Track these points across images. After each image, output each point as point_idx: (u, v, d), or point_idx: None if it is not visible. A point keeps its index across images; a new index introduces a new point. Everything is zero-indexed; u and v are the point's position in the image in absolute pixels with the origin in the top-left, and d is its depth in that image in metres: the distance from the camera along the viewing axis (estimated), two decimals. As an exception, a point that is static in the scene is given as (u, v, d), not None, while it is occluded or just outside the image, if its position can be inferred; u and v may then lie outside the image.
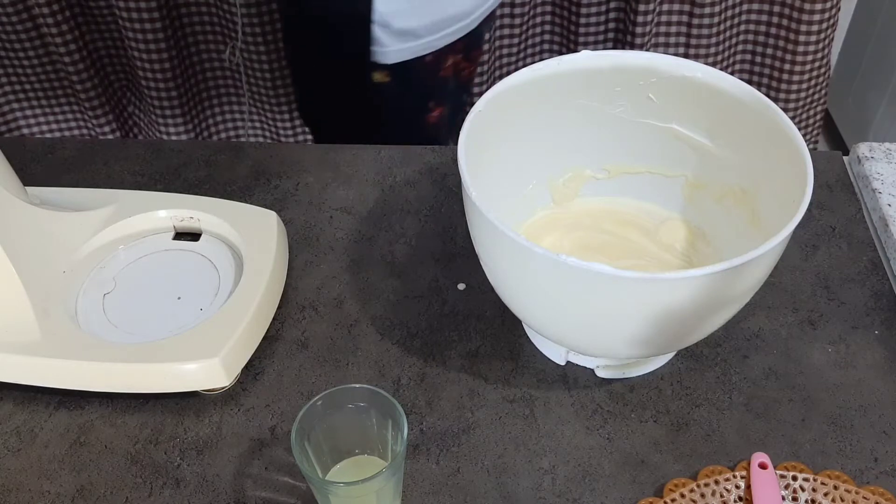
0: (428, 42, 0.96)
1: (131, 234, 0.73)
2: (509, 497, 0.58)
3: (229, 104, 1.58)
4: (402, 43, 0.95)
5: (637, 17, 1.37)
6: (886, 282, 0.72)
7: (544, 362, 0.66)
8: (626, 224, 0.72)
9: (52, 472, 0.60)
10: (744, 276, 0.53)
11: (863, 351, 0.67)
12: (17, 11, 1.40)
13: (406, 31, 0.94)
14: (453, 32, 0.97)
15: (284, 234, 0.74)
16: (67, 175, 0.84)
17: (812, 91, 1.46)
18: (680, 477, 0.59)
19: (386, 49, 0.95)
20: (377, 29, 0.93)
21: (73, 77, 1.48)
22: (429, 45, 0.96)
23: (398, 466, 0.52)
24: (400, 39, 0.94)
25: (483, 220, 0.55)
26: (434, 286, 0.72)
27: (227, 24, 1.42)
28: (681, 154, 0.69)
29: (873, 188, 0.77)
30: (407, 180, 0.83)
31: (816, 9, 1.34)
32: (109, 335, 0.65)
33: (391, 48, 0.95)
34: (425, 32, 0.95)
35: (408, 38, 0.95)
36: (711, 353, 0.67)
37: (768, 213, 0.63)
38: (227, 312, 0.65)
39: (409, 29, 0.94)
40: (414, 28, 0.94)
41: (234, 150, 0.86)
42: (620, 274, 0.50)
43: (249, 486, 0.59)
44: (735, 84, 0.63)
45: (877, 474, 0.59)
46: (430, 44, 0.96)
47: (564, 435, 0.62)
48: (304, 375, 0.66)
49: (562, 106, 0.68)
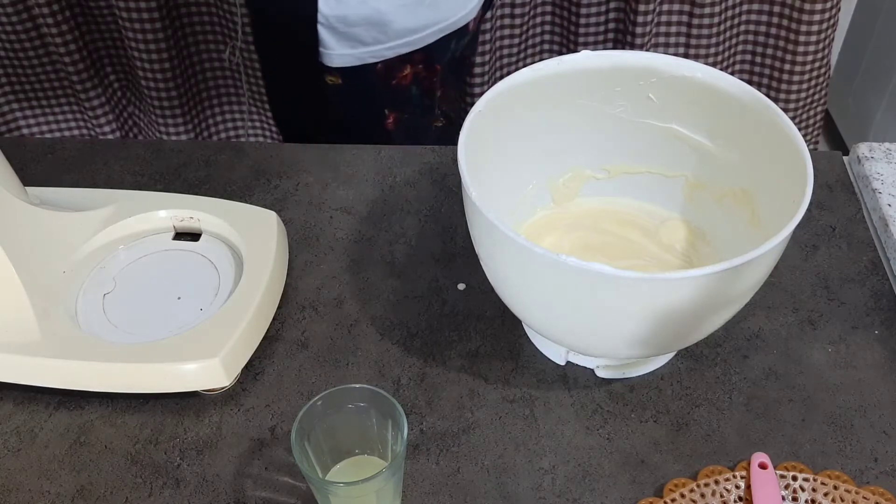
0: (374, 50, 0.95)
1: (131, 234, 0.73)
2: (509, 497, 0.58)
3: (229, 104, 1.58)
4: (348, 48, 0.94)
5: (637, 17, 1.37)
6: (886, 282, 0.72)
7: (544, 362, 0.66)
8: (626, 224, 0.72)
9: (52, 472, 0.60)
10: (744, 276, 0.53)
11: (863, 351, 0.67)
12: (17, 11, 1.40)
13: (350, 37, 0.93)
14: (401, 45, 0.95)
15: (284, 234, 0.74)
16: (67, 175, 0.84)
17: (812, 91, 1.46)
18: (680, 477, 0.59)
19: (331, 52, 0.94)
20: (323, 30, 0.92)
21: (73, 77, 1.48)
22: (376, 54, 0.95)
23: (398, 466, 0.52)
24: (345, 44, 0.94)
25: (483, 220, 0.55)
26: (434, 286, 0.72)
27: (227, 24, 1.42)
28: (681, 154, 0.69)
29: (873, 188, 0.77)
30: (407, 180, 0.83)
31: (816, 9, 1.34)
32: (109, 335, 0.65)
33: (336, 51, 0.94)
34: (371, 41, 0.94)
35: (354, 43, 0.94)
36: (711, 353, 0.67)
37: (768, 213, 0.63)
38: (227, 312, 0.65)
39: (353, 34, 0.93)
40: (358, 34, 0.93)
41: (234, 150, 0.86)
42: (620, 274, 0.50)
43: (249, 486, 0.59)
44: (735, 84, 0.63)
45: (877, 474, 0.59)
46: (378, 52, 0.95)
47: (564, 435, 0.62)
48: (304, 375, 0.66)
49: (562, 106, 0.68)
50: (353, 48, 0.94)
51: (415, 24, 0.94)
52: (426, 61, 0.99)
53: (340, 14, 0.91)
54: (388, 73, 0.97)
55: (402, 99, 1.02)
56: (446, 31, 0.98)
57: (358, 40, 0.93)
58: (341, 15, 0.91)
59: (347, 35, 0.93)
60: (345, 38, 0.93)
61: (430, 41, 0.97)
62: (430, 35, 0.96)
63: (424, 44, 0.97)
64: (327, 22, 0.91)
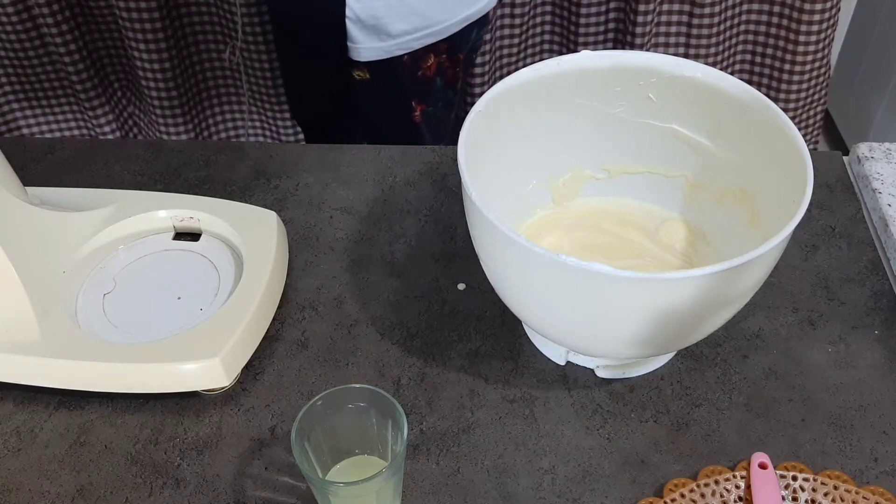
0: (403, 42, 0.96)
1: (131, 234, 0.73)
2: (509, 497, 0.58)
3: (229, 104, 1.58)
4: (377, 41, 0.95)
5: (637, 17, 1.37)
6: (886, 282, 0.72)
7: (544, 362, 0.66)
8: (626, 224, 0.72)
9: (52, 472, 0.60)
10: (744, 276, 0.53)
11: (863, 351, 0.67)
12: (17, 11, 1.40)
13: (379, 30, 0.94)
14: (428, 36, 0.97)
15: (284, 234, 0.74)
16: (67, 175, 0.84)
17: (812, 91, 1.46)
18: (680, 477, 0.59)
19: (359, 46, 0.95)
20: (351, 25, 0.93)
21: (73, 77, 1.48)
22: (403, 45, 0.96)
23: (398, 466, 0.52)
24: (374, 37, 0.95)
25: (483, 220, 0.55)
26: (434, 286, 0.72)
27: (227, 24, 1.42)
28: (681, 154, 0.69)
29: (873, 188, 0.77)
30: (407, 180, 0.83)
31: (816, 9, 1.34)
32: (109, 335, 0.65)
33: (364, 45, 0.95)
34: (399, 33, 0.95)
35: (382, 36, 0.95)
36: (711, 353, 0.67)
37: (768, 213, 0.63)
38: (227, 312, 0.65)
39: (381, 27, 0.94)
40: (386, 27, 0.94)
41: (234, 150, 0.86)
42: (620, 274, 0.50)
43: (249, 486, 0.59)
44: (735, 84, 0.63)
45: (877, 474, 0.59)
46: (406, 43, 0.96)
47: (564, 435, 0.62)
48: (304, 375, 0.66)
49: (562, 106, 0.68)
50: (382, 41, 0.95)
51: (443, 14, 0.96)
52: (449, 51, 1.00)
53: (369, 7, 0.92)
54: (415, 64, 0.98)
55: (428, 91, 1.04)
56: (471, 19, 0.99)
57: (386, 33, 0.94)
58: (370, 8, 0.92)
59: (376, 28, 0.94)
60: (373, 32, 0.94)
61: (455, 31, 0.98)
62: (455, 24, 0.98)
63: (450, 33, 0.98)
64: (355, 16, 0.92)
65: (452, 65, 1.03)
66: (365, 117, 1.05)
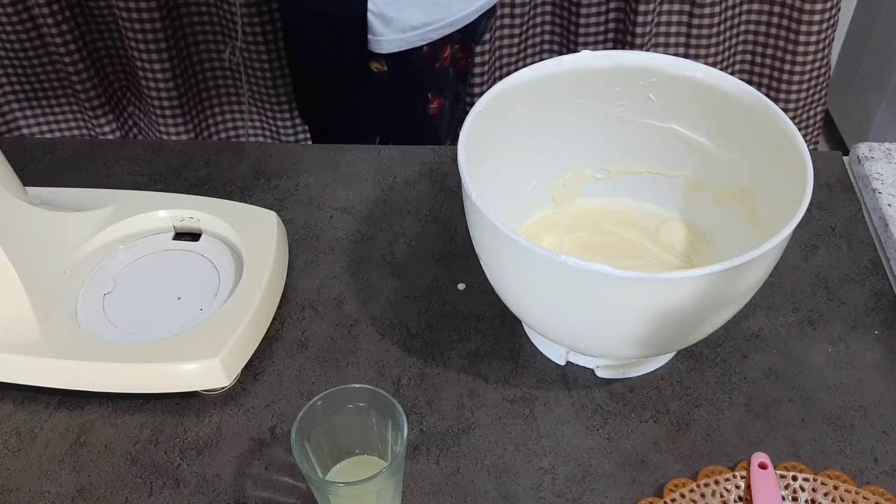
0: (423, 33, 0.96)
1: (131, 234, 0.73)
2: (509, 497, 0.58)
3: (229, 104, 1.58)
4: (399, 33, 0.95)
5: (637, 17, 1.37)
6: (886, 282, 0.72)
7: (544, 362, 0.66)
8: (626, 224, 0.72)
9: (52, 472, 0.60)
10: (744, 276, 0.53)
11: (863, 351, 0.67)
12: (17, 11, 1.40)
13: (401, 21, 0.94)
14: (446, 26, 0.97)
15: (284, 234, 0.74)
16: (67, 175, 0.84)
17: (812, 91, 1.46)
18: (680, 477, 0.59)
19: (381, 38, 0.95)
20: (372, 18, 0.93)
21: (73, 77, 1.48)
22: (424, 36, 0.97)
23: (398, 466, 0.52)
24: (395, 29, 0.95)
25: (483, 220, 0.55)
26: (434, 286, 0.72)
27: (227, 24, 1.42)
28: (681, 154, 0.69)
29: (873, 188, 0.77)
30: (407, 180, 0.83)
31: (816, 9, 1.34)
32: (109, 335, 0.65)
33: (386, 37, 0.95)
34: (419, 24, 0.95)
35: (404, 27, 0.95)
36: (711, 353, 0.67)
37: (768, 213, 0.63)
38: (227, 312, 0.65)
39: (403, 18, 0.94)
40: (408, 18, 0.94)
41: (234, 150, 0.86)
42: (620, 274, 0.50)
43: (249, 486, 0.59)
44: (735, 84, 0.63)
45: (877, 474, 0.59)
46: (426, 34, 0.97)
47: (564, 435, 0.62)
48: (304, 375, 0.66)
49: (562, 106, 0.68)
50: (403, 32, 0.95)
51: (461, 4, 0.97)
52: (462, 41, 1.01)
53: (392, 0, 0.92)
54: (433, 55, 0.99)
55: (443, 83, 1.05)
56: (484, 8, 1.00)
57: (408, 24, 0.94)
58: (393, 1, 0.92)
59: (398, 19, 0.94)
60: (395, 23, 0.94)
61: (471, 20, 0.99)
62: (471, 14, 0.98)
63: (466, 23, 0.99)
64: (377, 9, 0.92)
65: (465, 55, 1.04)
66: (380, 111, 1.05)
